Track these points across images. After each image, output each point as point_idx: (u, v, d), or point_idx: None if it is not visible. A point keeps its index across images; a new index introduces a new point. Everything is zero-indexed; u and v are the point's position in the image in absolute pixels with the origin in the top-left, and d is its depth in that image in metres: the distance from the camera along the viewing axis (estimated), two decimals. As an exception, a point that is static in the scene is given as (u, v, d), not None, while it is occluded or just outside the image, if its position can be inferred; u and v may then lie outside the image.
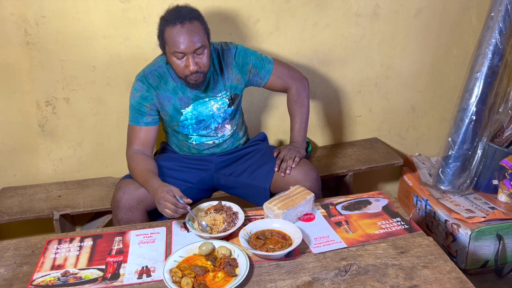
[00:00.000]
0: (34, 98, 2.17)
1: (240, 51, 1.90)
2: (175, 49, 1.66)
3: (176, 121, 1.88)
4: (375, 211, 1.74)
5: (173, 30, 1.65)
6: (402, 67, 2.54)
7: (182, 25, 1.64)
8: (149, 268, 1.48)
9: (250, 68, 1.91)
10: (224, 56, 1.88)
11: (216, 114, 1.90)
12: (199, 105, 1.87)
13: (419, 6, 2.42)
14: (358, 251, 1.51)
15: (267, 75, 1.95)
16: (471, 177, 2.32)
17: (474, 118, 2.25)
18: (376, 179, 2.78)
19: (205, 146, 1.96)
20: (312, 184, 1.85)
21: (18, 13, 2.02)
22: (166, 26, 1.68)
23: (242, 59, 1.90)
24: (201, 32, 1.68)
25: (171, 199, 1.57)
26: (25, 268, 1.50)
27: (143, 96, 1.82)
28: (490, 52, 2.20)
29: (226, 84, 1.89)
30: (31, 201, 2.15)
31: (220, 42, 1.92)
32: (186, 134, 1.93)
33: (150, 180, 1.71)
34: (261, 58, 1.95)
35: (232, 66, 1.89)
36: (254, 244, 1.52)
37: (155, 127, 1.88)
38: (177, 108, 1.85)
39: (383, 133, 2.67)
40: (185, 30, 1.64)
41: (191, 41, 1.65)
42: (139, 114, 1.84)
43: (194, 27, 1.66)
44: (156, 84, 1.83)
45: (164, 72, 1.84)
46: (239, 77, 1.91)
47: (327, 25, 2.34)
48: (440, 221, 2.22)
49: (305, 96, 2.03)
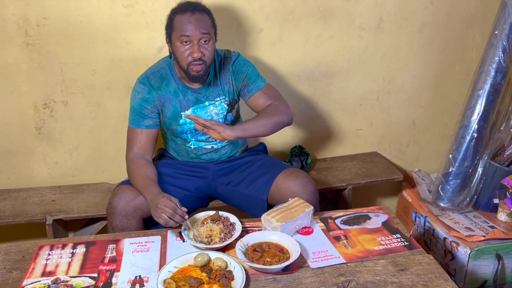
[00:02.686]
0: (32, 100, 2.14)
1: (239, 60, 1.92)
2: (182, 33, 1.69)
3: (175, 124, 1.87)
4: (374, 226, 1.72)
5: (182, 16, 1.70)
6: (404, 82, 2.52)
7: (192, 13, 1.70)
8: (142, 278, 1.44)
9: (244, 77, 1.92)
10: (225, 62, 1.91)
11: (214, 119, 1.89)
12: (199, 109, 1.87)
13: (423, 22, 2.41)
14: (357, 267, 1.48)
15: (255, 90, 1.91)
16: (471, 195, 2.30)
17: (475, 135, 2.23)
18: (375, 194, 2.76)
19: (203, 150, 1.94)
20: (310, 196, 1.82)
21: (19, 13, 1.99)
22: (176, 14, 1.73)
23: (239, 67, 1.91)
24: (209, 23, 1.74)
25: (171, 204, 1.54)
26: (14, 274, 1.46)
27: (144, 98, 1.82)
28: (493, 70, 2.19)
29: (224, 89, 1.90)
30: (24, 205, 2.10)
31: (224, 50, 1.94)
32: (184, 139, 1.91)
33: (150, 188, 1.68)
34: (257, 74, 1.94)
35: (229, 72, 1.91)
36: (251, 257, 1.48)
37: (156, 131, 1.87)
38: (177, 110, 1.85)
39: (383, 147, 2.66)
40: (194, 18, 1.70)
41: (198, 27, 1.69)
42: (140, 117, 1.83)
43: (203, 17, 1.72)
44: (158, 85, 1.83)
45: (166, 74, 1.85)
46: (233, 83, 1.92)
47: (330, 37, 2.33)
48: (439, 238, 2.19)
49: (278, 114, 1.83)
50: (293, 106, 2.41)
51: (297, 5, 2.23)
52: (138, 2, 2.08)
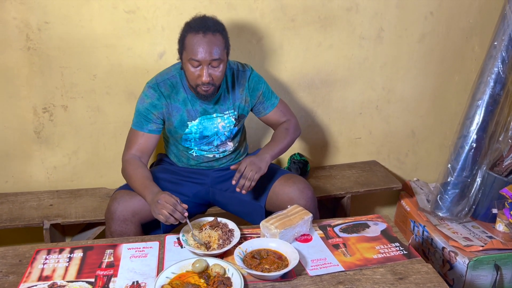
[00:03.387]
0: (31, 104, 2.14)
1: (254, 76, 1.92)
2: (192, 56, 1.66)
3: (180, 133, 1.87)
4: (373, 235, 1.71)
5: (194, 37, 1.66)
6: (403, 91, 2.53)
7: (204, 35, 1.65)
8: (140, 284, 1.43)
9: (260, 94, 1.92)
10: (238, 76, 1.89)
11: (220, 131, 1.89)
12: (206, 120, 1.86)
13: (423, 32, 2.43)
14: (355, 275, 1.47)
15: (271, 107, 1.97)
16: (469, 205, 2.30)
17: (474, 145, 2.24)
18: (373, 203, 2.75)
19: (204, 159, 1.94)
20: (307, 202, 1.82)
21: (21, 17, 2.00)
22: (189, 32, 1.68)
23: (255, 84, 1.91)
24: (221, 45, 1.69)
25: (172, 200, 1.55)
26: (11, 278, 1.45)
27: (153, 103, 1.81)
28: (492, 81, 2.20)
29: (235, 103, 1.89)
30: (21, 209, 2.09)
31: (236, 62, 1.93)
32: (187, 146, 1.91)
33: (150, 187, 1.68)
34: (271, 91, 1.98)
35: (244, 88, 1.89)
36: (249, 264, 1.48)
37: (157, 136, 1.86)
38: (184, 120, 1.84)
39: (382, 156, 2.66)
40: (206, 40, 1.65)
41: (209, 52, 1.65)
42: (145, 120, 1.82)
43: (215, 39, 1.67)
44: (168, 94, 1.81)
45: (176, 82, 1.83)
46: (247, 100, 1.91)
47: (330, 45, 2.34)
48: (437, 248, 2.19)
49: (294, 132, 1.99)
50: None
51: (298, 14, 2.24)
52: (139, 8, 2.08)
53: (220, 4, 2.15)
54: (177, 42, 1.75)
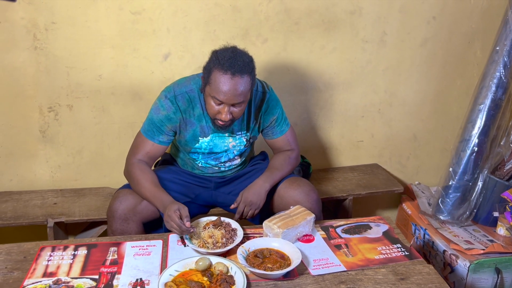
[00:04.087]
0: (37, 103, 2.16)
1: (272, 99, 1.87)
2: (216, 95, 1.62)
3: (190, 146, 1.86)
4: (375, 236, 1.72)
5: (221, 77, 1.60)
6: (406, 95, 2.55)
7: (232, 77, 1.59)
8: (143, 281, 1.44)
9: (273, 119, 1.90)
10: (256, 98, 1.85)
11: (230, 149, 1.89)
12: (217, 138, 1.85)
13: (426, 36, 2.45)
14: (357, 275, 1.49)
15: (279, 134, 1.95)
16: (470, 209, 2.31)
17: (475, 149, 2.25)
18: (375, 205, 2.76)
19: (209, 170, 1.95)
20: (313, 205, 1.83)
21: (28, 17, 2.02)
22: (216, 67, 1.62)
23: (271, 108, 1.87)
24: (247, 87, 1.64)
25: (177, 221, 1.57)
26: (16, 274, 1.47)
27: (168, 116, 1.77)
28: (494, 85, 2.21)
29: (249, 126, 1.87)
30: (25, 207, 2.11)
31: (261, 84, 1.87)
32: (194, 158, 1.92)
33: (160, 196, 1.71)
34: (284, 116, 1.95)
35: (260, 110, 1.86)
36: (252, 262, 1.49)
37: (166, 147, 1.86)
38: (196, 135, 1.82)
39: (384, 160, 2.67)
40: (232, 83, 1.60)
41: (234, 95, 1.61)
42: (157, 131, 1.80)
43: (243, 82, 1.61)
44: (184, 108, 1.77)
45: (194, 97, 1.78)
46: (260, 121, 1.89)
47: (334, 48, 2.36)
48: (439, 251, 2.20)
49: (294, 164, 1.98)
50: (295, 116, 2.43)
51: (302, 17, 2.26)
52: (145, 9, 2.11)
53: (225, 7, 2.17)
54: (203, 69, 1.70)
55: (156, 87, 2.19)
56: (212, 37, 2.20)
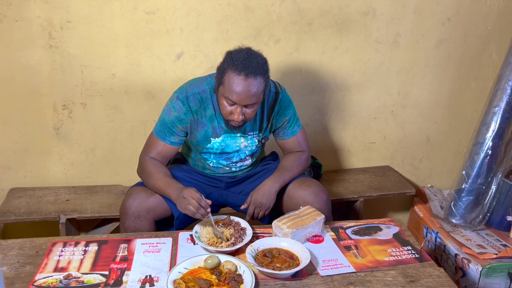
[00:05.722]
0: (51, 101, 2.19)
1: (285, 100, 1.87)
2: (229, 96, 1.62)
3: (202, 146, 1.86)
4: (385, 238, 1.71)
5: (235, 78, 1.60)
6: (419, 97, 2.53)
7: (245, 78, 1.59)
8: (152, 278, 1.45)
9: (285, 120, 1.90)
10: (269, 98, 1.84)
11: (242, 150, 1.89)
12: (229, 138, 1.85)
13: (440, 38, 2.42)
14: (366, 277, 1.48)
15: (291, 135, 1.94)
16: (483, 213, 2.28)
17: (489, 152, 2.22)
18: (386, 208, 2.74)
19: (221, 170, 1.95)
20: (322, 206, 1.82)
21: (44, 16, 2.05)
22: (230, 68, 1.62)
23: (283, 109, 1.87)
24: (260, 89, 1.64)
25: (197, 195, 1.60)
26: (27, 268, 1.49)
27: (179, 117, 1.78)
28: (510, 88, 2.18)
29: (262, 126, 1.87)
30: (39, 203, 2.14)
31: (274, 84, 1.87)
32: (205, 158, 1.93)
33: (173, 184, 1.73)
34: (296, 118, 1.94)
35: (272, 111, 1.86)
36: (260, 262, 1.49)
37: (178, 147, 1.87)
38: (208, 136, 1.83)
39: (396, 162, 2.65)
40: (246, 84, 1.60)
41: (247, 96, 1.61)
42: (169, 132, 1.81)
43: (256, 83, 1.61)
44: (196, 109, 1.78)
45: (206, 98, 1.78)
46: (272, 122, 1.89)
47: (347, 49, 2.35)
48: (450, 254, 2.17)
49: (305, 165, 1.97)
50: (307, 116, 2.43)
51: (315, 17, 2.26)
52: (159, 9, 2.12)
53: (238, 7, 2.17)
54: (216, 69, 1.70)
55: (168, 86, 2.21)
56: (225, 37, 2.21)
